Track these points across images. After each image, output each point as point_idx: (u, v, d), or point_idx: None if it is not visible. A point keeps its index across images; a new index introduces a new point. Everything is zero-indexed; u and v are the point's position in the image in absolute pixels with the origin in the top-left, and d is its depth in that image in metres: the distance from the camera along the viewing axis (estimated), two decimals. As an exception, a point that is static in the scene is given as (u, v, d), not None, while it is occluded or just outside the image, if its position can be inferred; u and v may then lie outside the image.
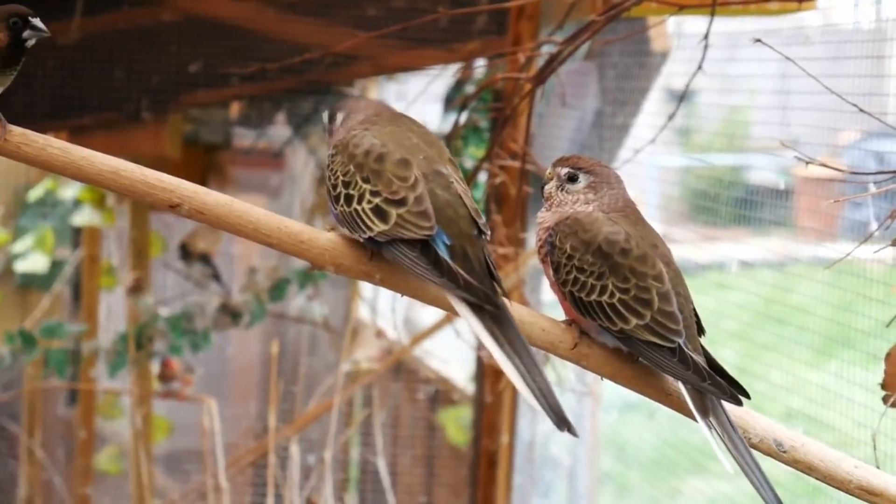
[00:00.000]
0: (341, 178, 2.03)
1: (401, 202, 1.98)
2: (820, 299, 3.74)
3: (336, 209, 2.03)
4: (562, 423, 1.91)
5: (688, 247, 4.56)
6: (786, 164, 4.36)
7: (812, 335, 3.83)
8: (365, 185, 2.00)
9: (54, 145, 1.98)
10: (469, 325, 1.98)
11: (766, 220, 4.14)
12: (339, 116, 2.16)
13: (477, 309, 1.96)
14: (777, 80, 4.29)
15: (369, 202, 1.98)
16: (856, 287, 3.41)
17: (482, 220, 2.03)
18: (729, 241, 4.54)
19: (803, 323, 3.88)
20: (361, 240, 2.01)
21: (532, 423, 4.96)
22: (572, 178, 2.13)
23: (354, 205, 1.99)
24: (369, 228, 1.98)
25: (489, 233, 2.05)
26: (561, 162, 2.15)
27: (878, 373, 2.58)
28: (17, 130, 1.98)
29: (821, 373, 3.77)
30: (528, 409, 4.90)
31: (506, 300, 1.98)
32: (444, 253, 1.97)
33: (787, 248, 4.17)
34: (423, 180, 2.00)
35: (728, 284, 4.57)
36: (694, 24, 4.05)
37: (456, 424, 5.36)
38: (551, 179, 2.14)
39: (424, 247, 1.97)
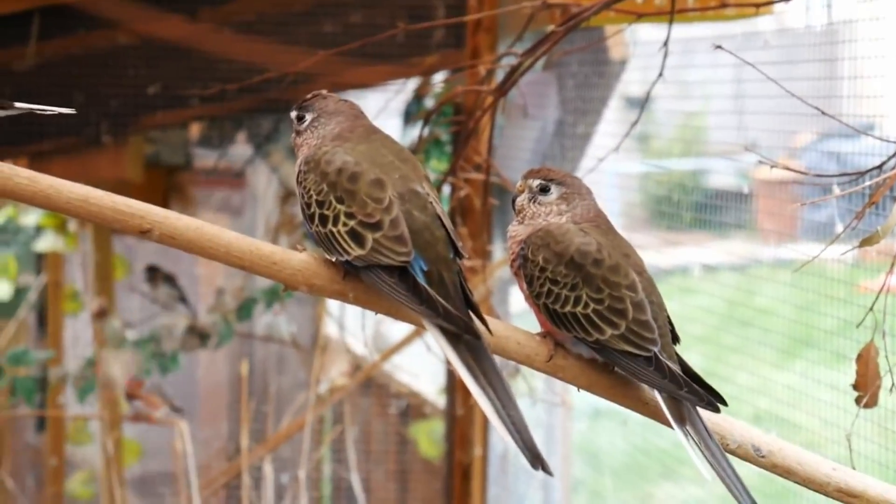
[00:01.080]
0: (315, 196, 1.99)
1: (376, 226, 1.95)
2: (783, 300, 3.76)
3: (311, 228, 2.00)
4: (536, 460, 1.90)
5: (650, 252, 4.57)
6: (744, 167, 4.39)
7: (777, 336, 3.85)
8: (339, 206, 1.96)
9: (22, 175, 1.95)
10: (444, 354, 1.96)
11: (727, 224, 4.17)
12: (308, 117, 2.10)
13: (453, 338, 1.93)
14: (732, 85, 4.31)
15: (345, 224, 1.95)
16: (818, 287, 3.43)
17: (460, 242, 2.02)
18: (691, 246, 4.57)
19: (768, 324, 3.90)
20: (339, 262, 1.98)
21: (505, 434, 4.95)
22: (544, 190, 2.12)
23: (330, 226, 1.97)
24: (346, 252, 1.95)
25: (467, 255, 2.03)
26: (532, 174, 2.14)
27: (843, 371, 2.60)
28: (-18, 162, 1.96)
29: (787, 373, 3.79)
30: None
31: (482, 326, 1.96)
32: (421, 279, 1.94)
33: (748, 251, 4.20)
34: (399, 201, 1.97)
35: (692, 288, 4.59)
36: (649, 30, 4.08)
37: (428, 438, 5.36)
38: (522, 192, 2.13)
39: (402, 272, 1.94)
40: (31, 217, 5.39)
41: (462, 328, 1.92)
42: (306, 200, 2.01)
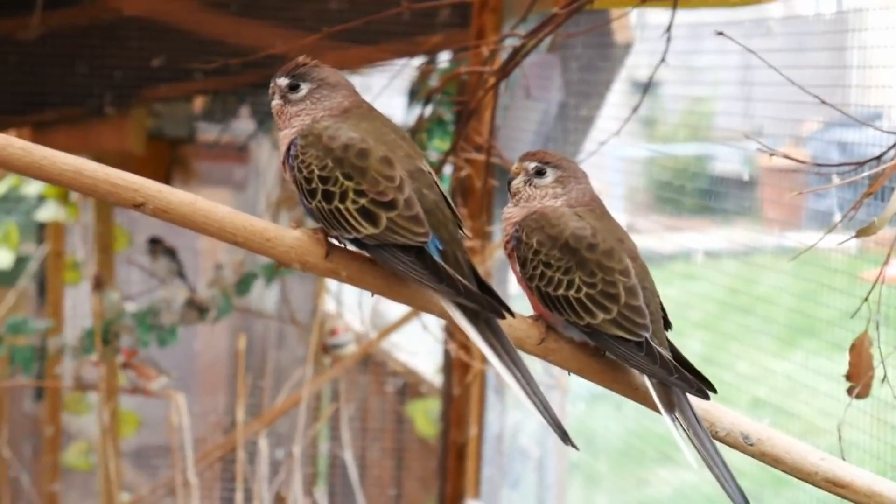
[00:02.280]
0: (317, 172, 1.95)
1: (390, 205, 1.92)
2: (784, 289, 3.76)
3: (310, 204, 1.96)
4: (565, 437, 1.92)
5: (652, 237, 4.57)
6: (749, 154, 4.39)
7: (776, 325, 3.85)
8: (347, 183, 1.93)
9: (15, 145, 1.94)
10: (466, 333, 1.94)
11: (730, 210, 4.16)
12: (304, 86, 2.03)
13: (472, 316, 1.93)
14: (739, 71, 4.30)
15: (354, 202, 1.92)
16: (819, 277, 3.42)
17: (462, 222, 2.00)
18: (693, 232, 4.56)
19: (768, 313, 3.90)
20: (342, 239, 1.96)
21: (501, 415, 4.97)
22: (540, 173, 2.12)
23: (336, 202, 1.93)
24: (355, 230, 1.92)
25: (470, 235, 2.02)
26: (528, 156, 2.14)
27: (841, 362, 2.59)
28: (-23, 131, 1.95)
29: (785, 362, 3.79)
30: (497, 400, 4.91)
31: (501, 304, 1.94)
32: (438, 258, 1.92)
33: (751, 238, 4.19)
34: (409, 180, 1.95)
35: (693, 275, 4.59)
36: (656, 15, 4.06)
37: (424, 417, 5.37)
38: (518, 174, 2.13)
39: (419, 252, 1.92)
40: (33, 187, 5.39)
41: (485, 306, 1.91)
42: (305, 175, 1.96)
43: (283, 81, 2.05)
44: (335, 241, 1.99)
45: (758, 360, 3.91)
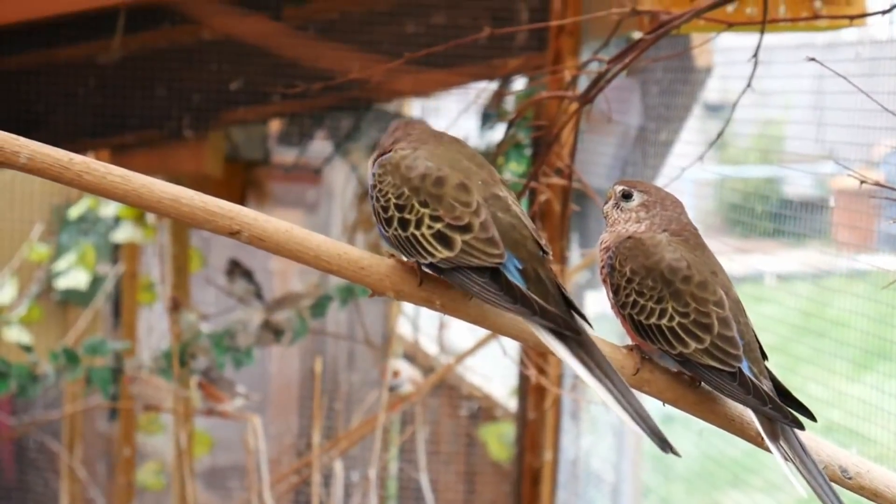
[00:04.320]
0: (393, 200, 1.99)
1: (465, 228, 1.95)
2: (858, 312, 3.73)
3: (387, 232, 2.01)
4: (664, 444, 1.90)
5: (723, 260, 4.53)
6: (821, 177, 4.36)
7: (850, 348, 3.82)
8: (423, 210, 1.97)
9: (115, 173, 1.97)
10: (554, 351, 1.94)
11: (802, 233, 4.14)
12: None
13: (559, 334, 1.93)
14: (810, 95, 4.28)
15: (430, 227, 1.96)
16: (893, 300, 3.40)
17: (543, 241, 2.02)
18: (764, 254, 4.54)
19: (841, 336, 3.87)
20: (419, 265, 1.99)
21: (576, 439, 4.95)
22: (627, 196, 2.15)
23: (412, 229, 1.97)
24: (430, 254, 1.96)
25: (550, 252, 2.03)
26: (619, 182, 2.18)
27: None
28: (78, 159, 1.96)
29: (860, 386, 3.76)
30: (573, 425, 4.89)
31: (582, 321, 1.95)
32: (516, 278, 1.94)
33: (823, 261, 4.16)
34: (485, 205, 1.98)
35: (764, 297, 4.56)
36: (728, 37, 4.05)
37: (498, 441, 5.35)
38: (610, 199, 2.16)
39: (494, 273, 1.94)
40: (110, 208, 5.44)
41: (561, 325, 1.92)
42: (382, 204, 2.01)
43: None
44: (428, 270, 2.01)
45: (831, 384, 3.88)
